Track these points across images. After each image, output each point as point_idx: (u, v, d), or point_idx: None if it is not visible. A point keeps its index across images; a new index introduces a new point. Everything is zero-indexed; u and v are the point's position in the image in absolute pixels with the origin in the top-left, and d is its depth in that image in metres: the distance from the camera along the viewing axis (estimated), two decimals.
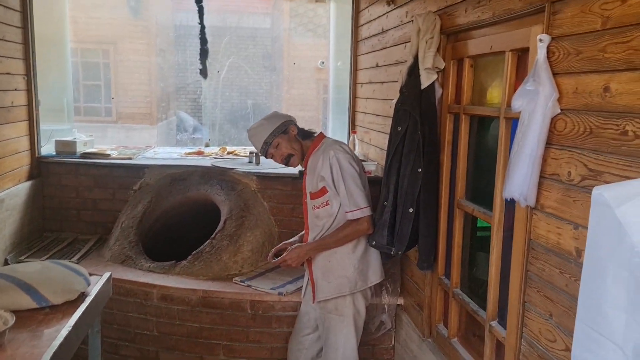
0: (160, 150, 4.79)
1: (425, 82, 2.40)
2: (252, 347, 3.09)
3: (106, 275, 2.36)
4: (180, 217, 3.94)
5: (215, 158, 4.42)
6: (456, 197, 2.37)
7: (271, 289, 3.12)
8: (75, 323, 1.89)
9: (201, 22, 4.67)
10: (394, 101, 2.63)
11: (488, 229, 2.07)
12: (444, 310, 2.55)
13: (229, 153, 4.65)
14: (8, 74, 3.48)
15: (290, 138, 2.65)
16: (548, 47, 1.60)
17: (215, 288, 3.16)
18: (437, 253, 2.52)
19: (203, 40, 4.73)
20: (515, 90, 1.72)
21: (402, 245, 2.50)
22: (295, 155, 2.66)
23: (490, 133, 2.25)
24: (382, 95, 3.40)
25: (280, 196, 3.69)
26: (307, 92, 8.08)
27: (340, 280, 2.61)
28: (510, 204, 1.86)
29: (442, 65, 2.39)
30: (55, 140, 4.13)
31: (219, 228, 3.57)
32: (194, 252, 3.45)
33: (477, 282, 2.34)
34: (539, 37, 1.61)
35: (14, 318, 1.76)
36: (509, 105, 1.79)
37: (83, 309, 2.00)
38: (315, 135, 2.74)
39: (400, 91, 2.53)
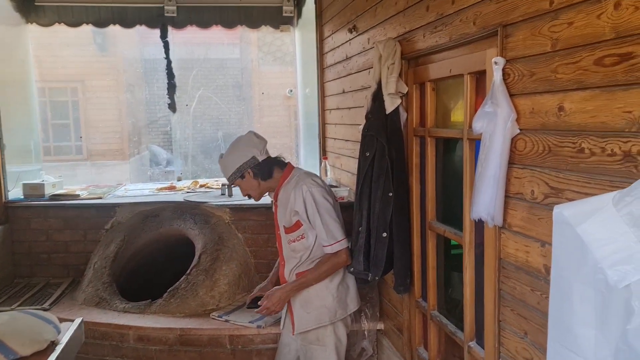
0: (132, 187, 4.73)
1: (389, 107, 2.43)
2: None
3: (77, 320, 2.28)
4: (154, 254, 3.88)
5: (188, 192, 4.39)
6: (427, 219, 2.39)
7: (249, 322, 3.07)
8: None
9: (167, 57, 4.67)
10: (360, 127, 2.66)
11: (461, 247, 2.08)
12: (423, 332, 2.54)
13: (201, 186, 4.62)
14: None
15: (248, 181, 2.63)
16: (503, 69, 1.64)
17: (193, 325, 3.10)
18: (413, 275, 2.52)
19: (170, 75, 4.73)
20: (475, 111, 1.75)
21: (378, 270, 2.50)
22: (254, 194, 2.69)
23: (457, 154, 2.28)
24: (350, 121, 3.44)
25: (255, 227, 3.66)
26: (278, 119, 8.13)
27: (320, 311, 2.58)
28: (480, 224, 1.88)
29: (404, 89, 2.43)
30: (23, 184, 4.05)
31: (194, 263, 3.52)
32: (170, 289, 3.39)
33: (454, 303, 2.35)
34: (493, 60, 1.66)
35: None
36: (470, 126, 1.82)
37: (54, 359, 1.93)
38: (285, 166, 2.70)
39: (366, 117, 2.56)
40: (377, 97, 2.51)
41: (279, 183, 2.64)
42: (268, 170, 2.63)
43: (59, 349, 2.01)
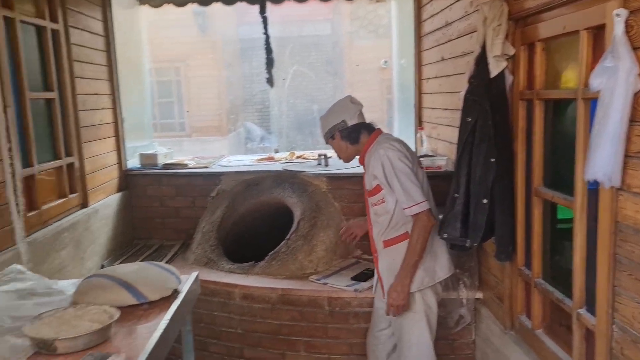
0: (233, 159, 4.99)
1: (494, 71, 2.38)
2: (332, 342, 3.16)
3: (194, 274, 2.50)
4: (255, 221, 4.09)
5: (286, 162, 4.55)
6: (533, 185, 2.33)
7: (347, 286, 3.17)
8: (172, 317, 2.02)
9: (266, 32, 4.82)
10: (462, 92, 2.62)
11: (569, 220, 2.01)
12: (525, 301, 2.50)
13: (297, 157, 4.78)
14: (96, 94, 3.78)
15: (337, 142, 2.72)
16: (626, 22, 1.56)
17: (293, 286, 3.26)
18: (516, 243, 2.47)
19: (268, 50, 4.88)
20: (592, 69, 1.68)
21: (477, 236, 2.48)
22: (342, 156, 2.76)
23: (567, 116, 2.19)
24: (449, 89, 3.38)
25: (351, 195, 3.74)
26: (371, 93, 8.12)
27: None
28: (593, 187, 1.81)
29: (511, 51, 2.36)
30: (139, 154, 4.42)
31: (293, 229, 3.68)
32: (271, 252, 3.57)
33: (560, 271, 2.28)
34: (615, 12, 1.57)
35: (119, 312, 1.92)
36: (586, 85, 1.75)
37: (177, 304, 2.14)
38: (373, 131, 2.72)
39: (469, 81, 2.52)
40: (481, 61, 2.46)
41: (364, 148, 2.68)
42: (356, 134, 2.69)
43: (181, 296, 2.23)
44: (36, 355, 1.69)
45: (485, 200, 2.44)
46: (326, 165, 4.12)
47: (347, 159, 2.79)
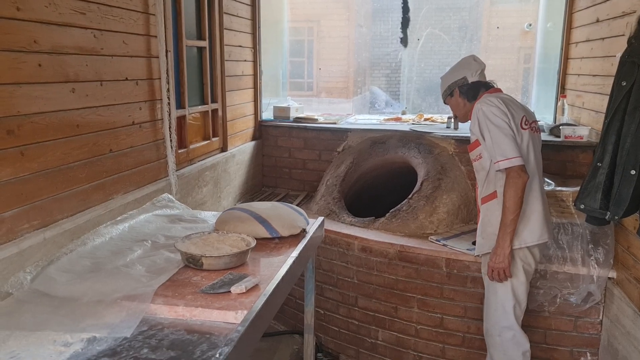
0: (361, 117, 5.08)
1: None
2: (446, 303, 3.17)
3: (320, 219, 2.65)
4: (378, 178, 4.17)
5: (413, 124, 4.53)
6: None
7: (467, 249, 3.14)
8: (299, 253, 2.18)
9: None
10: (618, 55, 2.41)
11: None
12: None
13: (426, 119, 4.72)
14: (240, 46, 4.04)
15: (455, 100, 2.69)
16: None
17: (412, 244, 3.30)
18: None
19: (405, 9, 4.84)
20: None
21: (619, 209, 2.31)
22: (460, 114, 2.73)
23: None
24: (602, 53, 3.11)
25: None
26: (507, 62, 7.66)
27: (491, 238, 2.53)
28: None
29: None
30: (273, 106, 4.67)
31: (416, 189, 3.69)
32: (392, 209, 3.63)
33: None
34: None
35: (255, 241, 2.12)
36: None
37: (305, 243, 2.30)
38: (490, 90, 2.64)
39: (628, 42, 2.31)
40: None
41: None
42: (474, 92, 2.64)
43: (308, 236, 2.39)
44: (185, 268, 1.94)
45: (633, 172, 2.25)
46: (456, 128, 4.04)
47: (464, 118, 2.75)
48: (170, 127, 2.90)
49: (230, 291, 1.73)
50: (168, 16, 2.86)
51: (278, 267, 2.02)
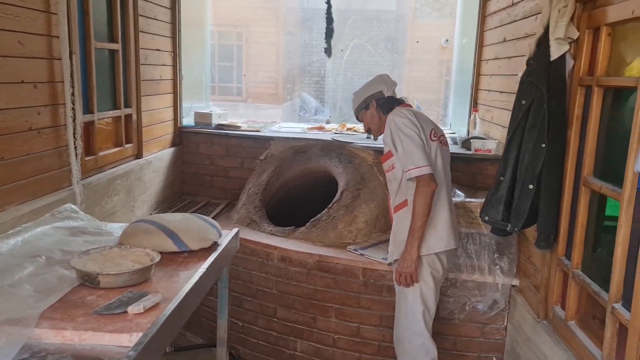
0: (285, 125, 5.06)
1: (555, 53, 2.29)
2: (363, 312, 3.21)
3: (234, 230, 2.59)
4: (300, 187, 4.16)
5: (335, 133, 4.58)
6: (583, 174, 2.25)
7: (383, 259, 3.19)
8: (209, 267, 2.11)
9: (328, 1, 4.81)
10: (519, 74, 2.55)
11: (616, 219, 1.94)
12: (562, 291, 2.45)
13: (348, 129, 4.78)
14: (158, 50, 3.91)
15: (371, 113, 2.74)
16: None
17: (330, 254, 3.31)
18: (558, 232, 2.41)
19: (329, 20, 4.88)
20: None
21: (519, 221, 2.43)
22: (373, 130, 2.80)
23: (626, 106, 2.09)
24: (508, 71, 3.28)
25: None
26: (429, 74, 7.96)
27: (401, 245, 2.60)
28: None
29: (575, 35, 2.26)
30: (195, 112, 4.56)
31: (336, 198, 3.71)
32: (312, 219, 3.63)
33: (600, 263, 2.21)
34: None
35: (160, 256, 2.03)
36: None
37: (215, 256, 2.22)
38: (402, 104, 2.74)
39: (527, 63, 2.44)
40: (542, 43, 2.37)
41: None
42: (389, 105, 2.71)
43: (219, 249, 2.32)
44: (81, 286, 1.82)
45: (531, 186, 2.38)
46: (375, 138, 4.10)
47: (378, 132, 2.80)
48: (75, 133, 2.74)
49: (127, 311, 1.64)
50: (73, 16, 2.71)
51: (184, 282, 1.94)
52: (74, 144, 2.72)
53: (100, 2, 3.14)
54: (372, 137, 4.16)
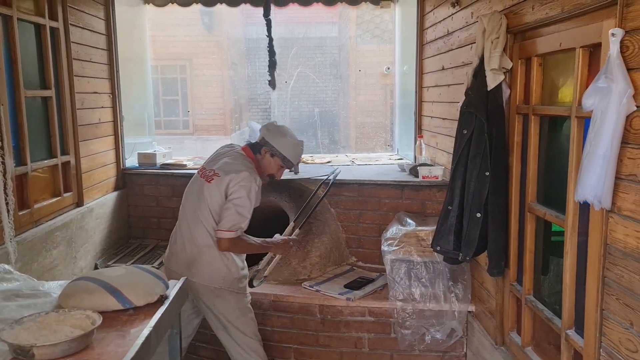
0: None
1: (491, 84, 2.35)
2: (322, 351, 3.14)
3: (182, 279, 2.47)
4: (251, 224, 4.06)
5: None
6: (527, 201, 2.30)
7: (339, 294, 3.15)
8: (156, 323, 2.00)
9: (269, 35, 4.80)
10: (459, 104, 2.60)
11: (563, 233, 1.99)
12: (517, 317, 2.47)
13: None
14: (95, 92, 3.77)
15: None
16: (621, 42, 1.53)
17: (286, 292, 3.24)
18: (508, 258, 2.44)
19: (271, 53, 4.86)
20: (587, 88, 1.65)
21: (470, 250, 2.45)
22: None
23: (562, 133, 2.16)
24: (448, 99, 3.35)
25: (347, 202, 3.72)
26: (374, 98, 8.07)
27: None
28: (585, 207, 1.78)
29: (509, 65, 2.33)
30: (138, 153, 4.41)
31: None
32: (265, 256, 3.54)
33: (551, 289, 2.25)
34: (611, 31, 1.55)
35: (101, 318, 1.90)
36: (580, 104, 1.72)
37: (163, 311, 2.11)
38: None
39: (466, 93, 2.49)
40: (479, 73, 2.43)
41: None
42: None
43: (167, 302, 2.20)
44: None
45: (479, 214, 2.41)
46: (296, 172, 3.92)
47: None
48: (5, 188, 2.57)
49: None
50: (0, 66, 2.57)
51: (129, 344, 1.83)
52: (5, 199, 2.55)
53: (30, 48, 3.00)
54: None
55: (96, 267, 3.67)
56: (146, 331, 1.92)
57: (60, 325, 1.84)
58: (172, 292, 2.30)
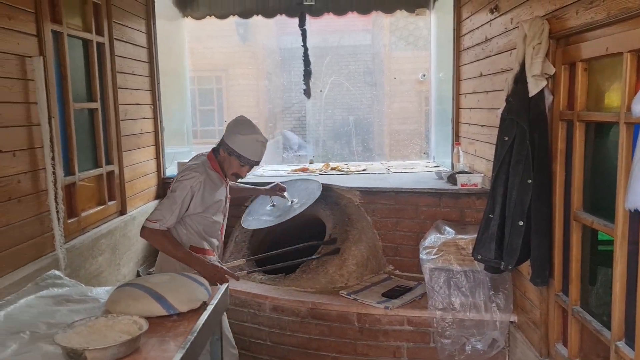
0: (269, 168, 5.04)
1: (533, 90, 2.32)
2: (361, 359, 3.12)
3: (224, 286, 2.52)
4: (288, 232, 4.10)
5: (320, 174, 4.56)
6: (572, 209, 2.24)
7: (377, 302, 3.13)
8: (200, 329, 2.04)
9: (304, 45, 4.87)
10: (499, 111, 2.57)
11: (610, 242, 1.93)
12: (562, 328, 2.41)
13: (332, 169, 4.77)
14: (137, 104, 3.88)
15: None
16: None
17: (323, 300, 3.24)
18: (553, 268, 2.39)
19: (306, 62, 4.92)
20: (635, 93, 1.61)
21: (512, 259, 2.41)
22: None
23: (609, 140, 2.11)
24: (487, 105, 3.32)
25: (384, 210, 3.70)
26: (409, 105, 8.03)
27: None
28: (635, 215, 1.73)
29: (551, 71, 2.29)
30: (177, 162, 4.50)
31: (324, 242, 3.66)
32: (302, 265, 3.57)
33: (600, 299, 2.18)
34: None
35: (148, 324, 1.95)
36: (629, 109, 1.68)
37: (205, 317, 2.15)
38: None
39: (507, 100, 2.46)
40: (520, 80, 2.40)
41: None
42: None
43: (209, 309, 2.24)
44: None
45: (521, 222, 2.37)
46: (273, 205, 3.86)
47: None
48: (56, 198, 2.67)
49: None
50: (51, 81, 2.68)
51: (175, 350, 1.87)
52: (56, 208, 2.65)
53: (78, 62, 3.12)
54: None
55: (138, 274, 3.77)
56: (191, 336, 1.96)
57: (109, 330, 1.90)
58: (214, 299, 2.34)
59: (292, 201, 3.70)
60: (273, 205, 3.81)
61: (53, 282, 2.53)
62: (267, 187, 3.44)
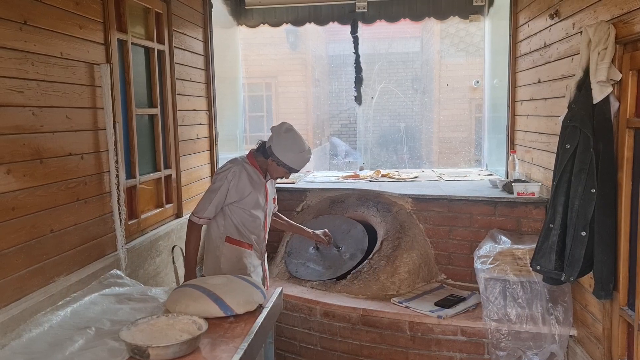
0: (319, 174, 5.07)
1: (597, 96, 2.24)
2: None
3: (278, 290, 2.55)
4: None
5: (371, 181, 4.55)
6: None
7: (430, 311, 3.09)
8: (257, 331, 2.08)
9: (356, 52, 4.89)
10: (561, 118, 2.49)
11: None
12: (627, 344, 2.30)
13: (383, 175, 4.75)
14: (194, 110, 4.00)
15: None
16: None
17: (375, 307, 3.23)
18: (617, 281, 2.29)
19: (358, 69, 4.94)
20: None
21: (574, 270, 2.33)
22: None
23: None
24: (545, 112, 3.23)
25: (437, 218, 3.66)
26: (459, 112, 7.90)
27: None
28: None
29: (617, 77, 2.21)
30: None
31: (376, 249, 3.65)
32: (353, 271, 3.57)
33: None
34: None
35: (207, 324, 2.00)
36: None
37: (262, 319, 2.19)
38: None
39: (569, 107, 2.39)
40: (583, 86, 2.33)
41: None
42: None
43: (265, 312, 2.28)
44: (130, 359, 1.81)
45: (584, 233, 2.29)
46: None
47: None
48: (119, 199, 2.79)
49: None
50: (116, 87, 2.80)
51: (232, 351, 1.91)
52: (119, 209, 2.76)
53: (140, 69, 3.25)
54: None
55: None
56: (248, 337, 2.00)
57: (170, 329, 1.97)
58: (269, 302, 2.38)
59: (339, 248, 3.70)
60: (317, 249, 3.82)
61: (115, 281, 2.64)
62: (315, 231, 3.41)
